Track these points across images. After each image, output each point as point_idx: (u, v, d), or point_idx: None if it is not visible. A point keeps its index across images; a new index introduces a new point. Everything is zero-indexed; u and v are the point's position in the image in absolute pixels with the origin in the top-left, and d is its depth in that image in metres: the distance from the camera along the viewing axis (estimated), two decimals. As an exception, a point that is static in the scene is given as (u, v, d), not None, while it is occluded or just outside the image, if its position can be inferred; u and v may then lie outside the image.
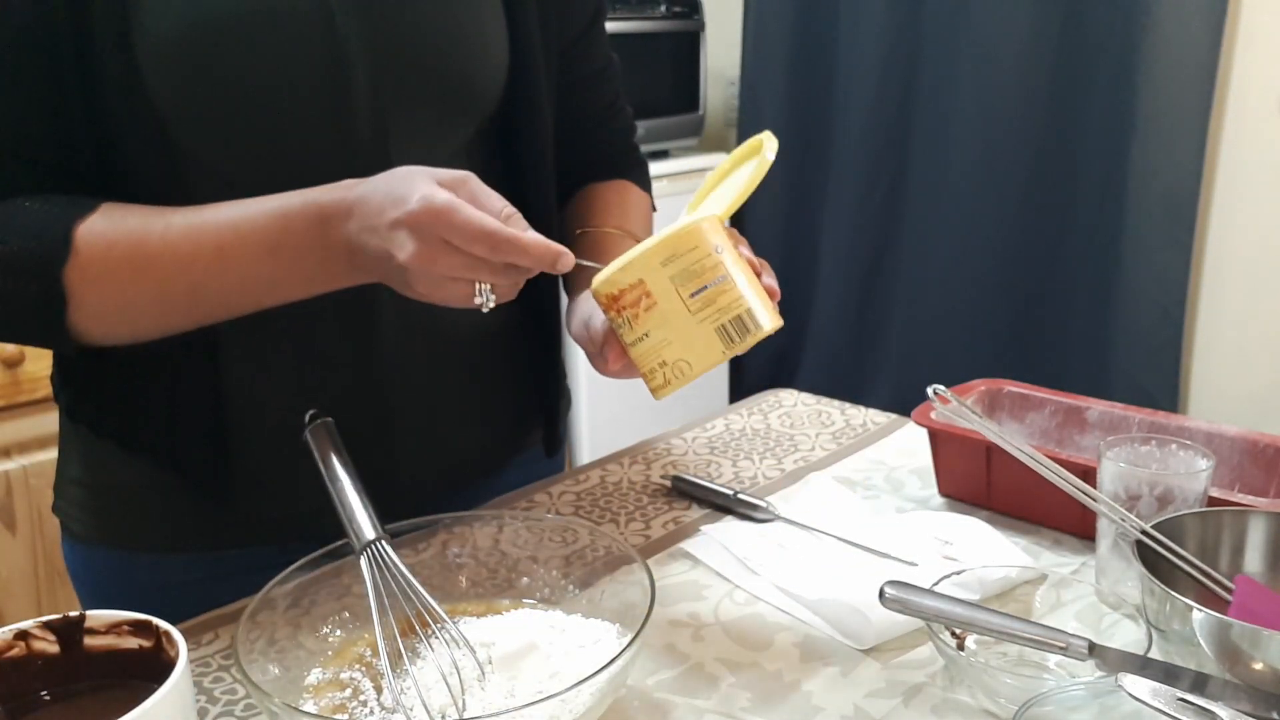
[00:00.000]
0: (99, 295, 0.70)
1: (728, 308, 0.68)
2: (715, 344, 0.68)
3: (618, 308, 0.69)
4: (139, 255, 0.70)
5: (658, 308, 0.68)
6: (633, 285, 0.68)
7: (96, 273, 0.69)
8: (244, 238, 0.69)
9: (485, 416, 0.91)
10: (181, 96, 0.71)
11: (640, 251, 0.68)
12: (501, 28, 0.84)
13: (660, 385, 0.71)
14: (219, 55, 0.71)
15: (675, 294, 0.68)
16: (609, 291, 0.69)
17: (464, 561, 0.76)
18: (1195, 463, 0.77)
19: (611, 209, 0.96)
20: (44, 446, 1.79)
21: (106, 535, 0.85)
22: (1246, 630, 0.60)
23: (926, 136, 2.57)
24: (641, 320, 0.69)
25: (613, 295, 0.69)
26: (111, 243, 0.69)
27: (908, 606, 0.67)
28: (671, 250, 0.67)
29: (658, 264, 0.67)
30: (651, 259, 0.68)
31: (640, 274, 0.68)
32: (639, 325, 0.69)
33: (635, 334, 0.70)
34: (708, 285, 0.68)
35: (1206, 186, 2.22)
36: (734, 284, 0.68)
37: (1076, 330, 2.42)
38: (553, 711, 0.57)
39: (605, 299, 0.70)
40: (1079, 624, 0.72)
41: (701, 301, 0.68)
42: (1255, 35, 2.12)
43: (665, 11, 2.75)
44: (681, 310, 0.68)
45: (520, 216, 0.67)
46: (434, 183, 0.65)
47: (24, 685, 0.54)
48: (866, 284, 2.77)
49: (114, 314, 0.72)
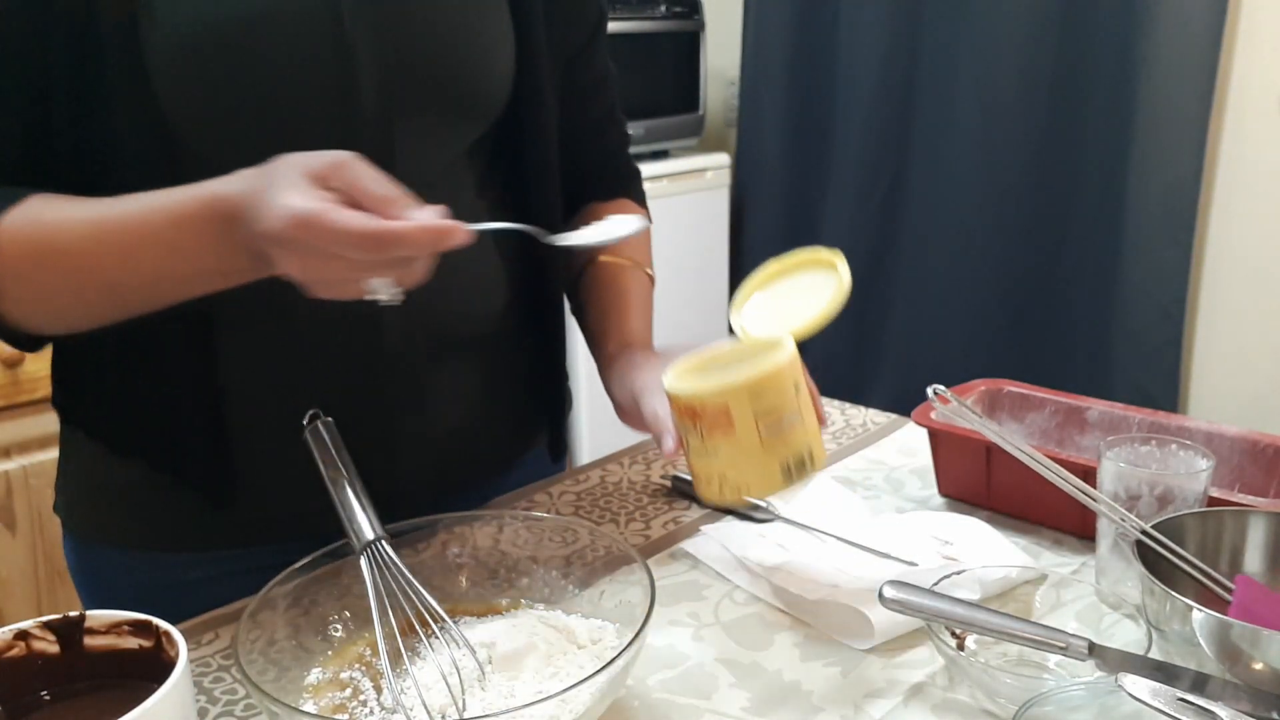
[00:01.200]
0: (18, 287, 0.71)
1: (795, 445, 0.71)
2: (777, 476, 0.71)
3: (693, 419, 0.72)
4: (50, 251, 0.70)
5: (734, 434, 0.70)
6: (717, 408, 0.70)
7: (14, 264, 0.70)
8: (144, 238, 0.68)
9: (487, 418, 0.91)
10: (188, 99, 0.71)
11: (731, 382, 0.70)
12: (508, 33, 0.84)
13: (713, 495, 0.73)
14: (227, 58, 0.71)
15: (754, 427, 0.70)
16: (690, 405, 0.71)
17: (464, 561, 0.76)
18: (1195, 463, 0.77)
19: None
20: (44, 446, 1.79)
21: (107, 534, 0.85)
22: (1246, 630, 0.60)
23: (926, 136, 2.57)
24: (715, 439, 0.71)
25: (693, 410, 0.71)
26: (28, 236, 0.70)
27: (908, 606, 0.67)
28: (762, 388, 0.70)
29: (746, 398, 0.69)
30: (742, 392, 0.69)
31: (727, 400, 0.70)
32: (711, 442, 0.71)
33: (704, 447, 0.72)
34: (783, 422, 0.70)
35: (1206, 186, 2.22)
36: (804, 423, 0.71)
37: (1076, 330, 2.42)
38: (553, 711, 0.57)
39: (684, 409, 0.72)
40: (1079, 624, 0.72)
41: (775, 437, 0.70)
42: (1255, 35, 2.12)
43: (665, 11, 2.75)
44: (755, 442, 0.70)
45: (405, 198, 0.62)
46: (301, 182, 0.61)
47: (24, 685, 0.54)
48: (866, 284, 2.77)
49: (35, 305, 0.73)
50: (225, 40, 0.71)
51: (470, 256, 0.87)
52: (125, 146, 0.72)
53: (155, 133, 0.71)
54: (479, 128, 0.85)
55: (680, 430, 0.75)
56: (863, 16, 2.60)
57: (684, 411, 0.73)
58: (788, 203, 2.89)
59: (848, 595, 0.75)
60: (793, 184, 2.87)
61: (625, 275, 0.96)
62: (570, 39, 0.91)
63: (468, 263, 0.86)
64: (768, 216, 2.94)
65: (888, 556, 0.81)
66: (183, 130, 0.72)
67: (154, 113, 0.71)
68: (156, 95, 0.70)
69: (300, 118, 0.74)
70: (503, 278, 0.89)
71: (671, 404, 0.74)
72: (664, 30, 2.76)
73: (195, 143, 0.73)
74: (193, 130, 0.72)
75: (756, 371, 0.70)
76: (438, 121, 0.81)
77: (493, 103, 0.84)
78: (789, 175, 2.87)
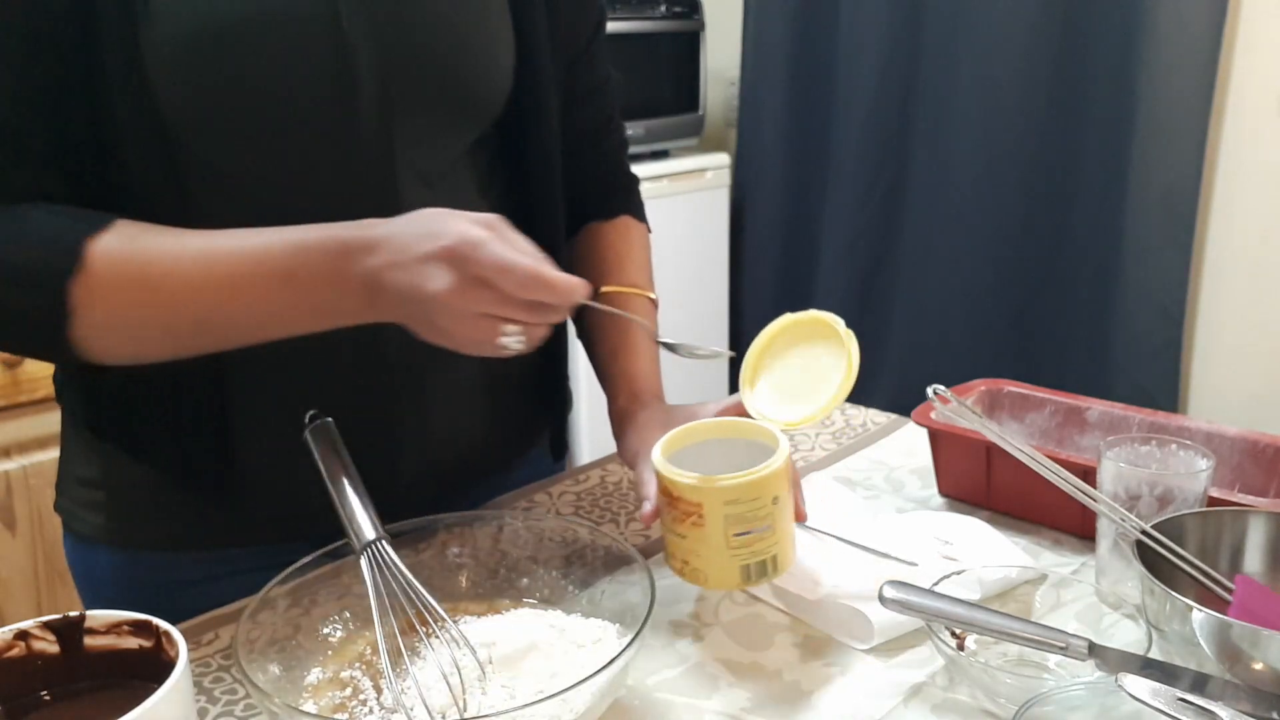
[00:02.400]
0: (104, 313, 0.69)
1: (759, 551, 0.72)
2: (735, 576, 0.73)
3: (670, 502, 0.73)
4: (148, 276, 0.68)
5: (703, 530, 0.72)
6: (692, 502, 0.71)
7: (104, 290, 0.68)
8: (258, 265, 0.68)
9: (488, 418, 0.91)
10: (187, 99, 0.71)
11: (710, 483, 0.71)
12: (509, 34, 0.84)
13: (676, 571, 0.75)
14: (226, 58, 0.71)
15: (722, 529, 0.71)
16: (668, 489, 0.73)
17: (464, 561, 0.76)
18: (1195, 463, 0.77)
19: (624, 262, 0.97)
20: (44, 446, 1.79)
21: (108, 533, 0.85)
22: (1246, 630, 0.60)
23: (926, 136, 2.57)
24: (685, 526, 0.73)
25: (671, 494, 0.73)
26: (123, 260, 0.68)
27: (908, 606, 0.67)
28: (739, 496, 0.71)
29: (721, 502, 0.71)
30: (717, 495, 0.71)
31: (702, 499, 0.71)
32: (680, 527, 0.73)
33: (675, 528, 0.74)
34: (752, 530, 0.72)
35: (1206, 186, 2.22)
36: (774, 533, 0.73)
37: (1076, 330, 2.42)
38: (553, 711, 0.57)
39: (663, 489, 0.74)
40: (1079, 624, 0.72)
41: (740, 542, 0.72)
42: (1255, 35, 2.12)
43: (665, 11, 2.75)
44: (721, 543, 0.72)
45: (548, 260, 0.67)
46: (469, 221, 0.65)
47: (24, 685, 0.54)
48: (866, 284, 2.77)
49: (118, 334, 0.71)
50: (223, 40, 0.71)
51: None
52: (124, 145, 0.72)
53: (153, 132, 0.71)
54: (478, 127, 0.85)
55: (660, 502, 0.76)
56: (863, 16, 2.60)
57: (663, 490, 0.74)
58: (788, 203, 2.89)
59: (848, 595, 0.75)
60: (793, 184, 2.87)
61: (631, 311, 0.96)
62: (571, 40, 0.91)
63: None
64: (768, 216, 2.94)
65: (888, 556, 0.81)
66: (180, 130, 0.72)
67: (152, 112, 0.70)
68: (155, 94, 0.70)
69: (299, 117, 0.74)
70: None
71: (656, 477, 0.75)
72: (664, 30, 2.76)
73: (193, 142, 0.73)
74: (191, 129, 0.72)
75: (736, 479, 0.71)
76: (437, 120, 0.81)
77: (492, 102, 0.84)
78: (789, 175, 2.86)
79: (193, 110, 0.72)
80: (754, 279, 3.00)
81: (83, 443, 0.86)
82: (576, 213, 0.99)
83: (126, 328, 0.70)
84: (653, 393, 0.92)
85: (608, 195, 1.01)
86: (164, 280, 0.69)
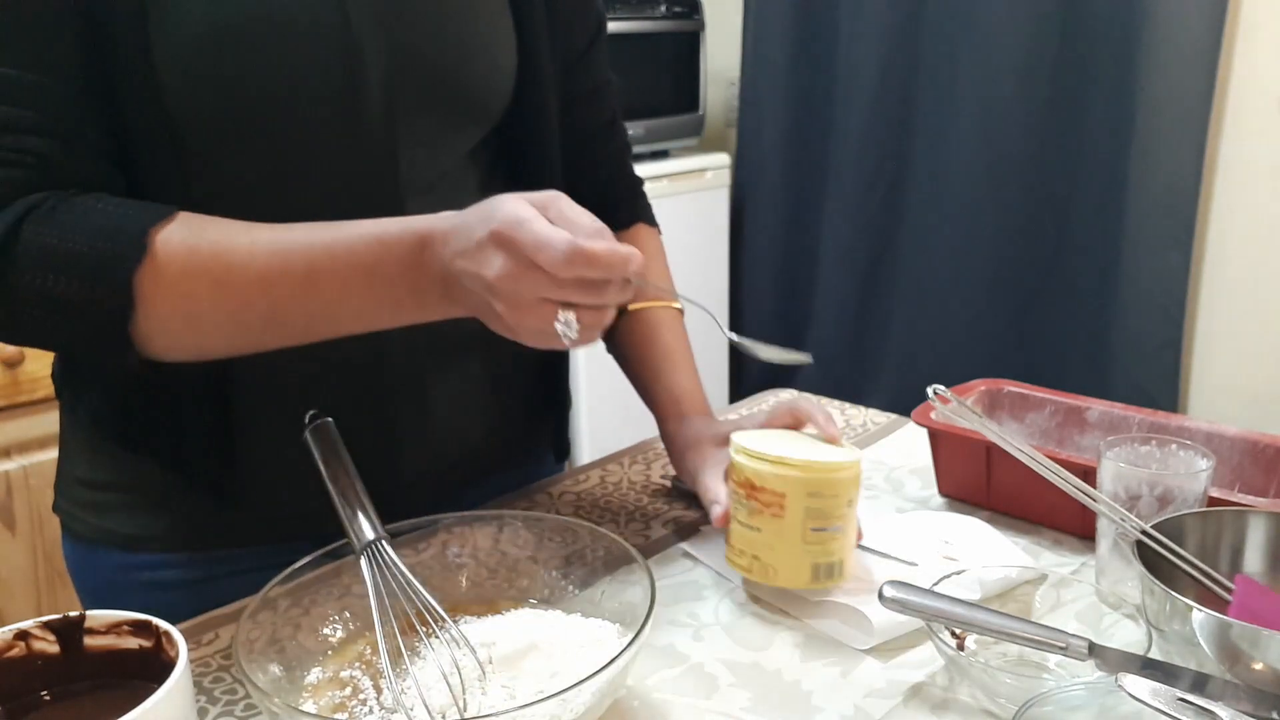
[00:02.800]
0: (170, 305, 0.67)
1: (831, 551, 0.75)
2: (805, 574, 0.75)
3: (749, 492, 0.75)
4: (220, 267, 0.67)
5: (782, 521, 0.74)
6: (775, 491, 0.74)
7: (171, 281, 0.66)
8: (337, 259, 0.67)
9: (488, 418, 0.91)
10: (196, 99, 0.71)
11: (796, 472, 0.73)
12: (510, 37, 0.85)
13: (743, 568, 0.77)
14: (235, 59, 0.71)
15: (802, 522, 0.73)
16: (750, 479, 0.75)
17: (464, 561, 0.76)
18: (1195, 463, 0.77)
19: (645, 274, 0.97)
20: (44, 446, 1.79)
21: (107, 534, 0.85)
22: (1246, 630, 0.60)
23: (926, 136, 2.57)
24: (762, 518, 0.75)
25: (751, 485, 0.75)
26: (190, 251, 0.67)
27: (908, 606, 0.67)
28: (822, 488, 0.73)
29: (804, 492, 0.73)
30: (802, 485, 0.73)
31: (786, 489, 0.73)
32: (757, 520, 0.75)
33: (749, 521, 0.75)
34: (827, 529, 0.74)
35: (1206, 186, 2.22)
36: (843, 536, 0.75)
37: (1076, 330, 2.42)
38: (553, 711, 0.57)
39: (742, 480, 0.75)
40: (1079, 624, 0.72)
41: (816, 538, 0.74)
42: (1255, 35, 2.12)
43: (665, 11, 2.75)
44: (798, 536, 0.74)
45: (609, 232, 0.65)
46: (522, 200, 0.64)
47: (24, 685, 0.54)
48: (866, 284, 2.77)
49: (182, 327, 0.69)
50: (233, 41, 0.71)
51: None
52: (132, 145, 0.72)
53: (161, 132, 0.71)
54: (481, 130, 0.85)
55: (731, 495, 0.77)
56: (863, 16, 2.60)
57: (741, 482, 0.75)
58: (788, 202, 2.89)
59: (848, 595, 0.75)
60: (793, 184, 2.87)
61: (664, 329, 0.97)
62: (571, 43, 0.92)
63: None
64: (768, 216, 2.94)
65: (888, 556, 0.81)
66: (188, 129, 0.72)
67: (161, 112, 0.71)
68: (164, 94, 0.70)
69: (304, 118, 0.74)
70: None
71: (730, 470, 0.77)
72: (664, 30, 2.76)
73: (200, 141, 0.73)
74: (198, 129, 0.72)
75: (823, 471, 0.73)
76: (440, 123, 0.81)
77: (494, 104, 0.84)
78: (789, 175, 2.87)
79: (201, 110, 0.72)
80: (754, 279, 3.00)
81: (82, 444, 0.86)
82: None
83: (193, 320, 0.69)
84: (699, 409, 0.93)
85: (615, 200, 1.01)
86: (236, 272, 0.67)
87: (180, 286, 0.67)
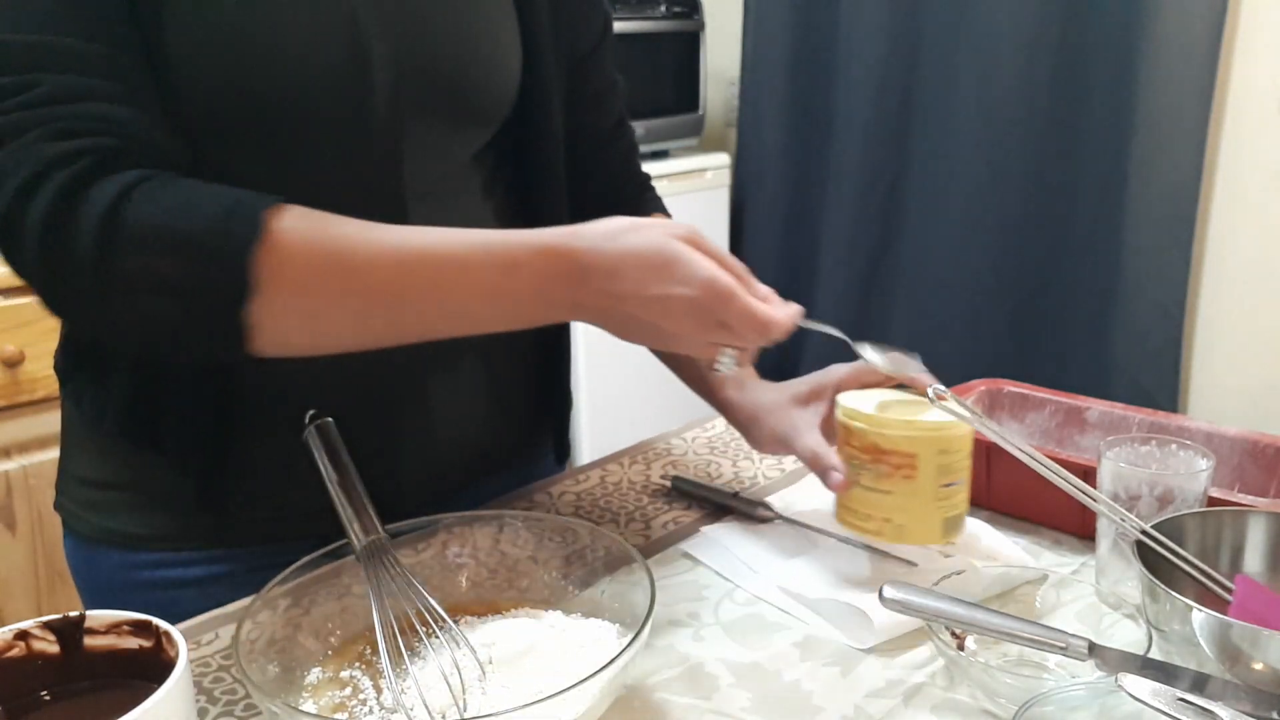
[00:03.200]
0: (288, 295, 0.64)
1: (957, 504, 0.77)
2: (937, 530, 0.77)
3: (875, 457, 0.76)
4: (343, 266, 0.65)
5: (914, 481, 0.75)
6: (905, 453, 0.75)
7: (293, 270, 0.63)
8: (465, 274, 0.66)
9: (490, 418, 0.91)
10: (206, 102, 0.71)
11: (921, 431, 0.75)
12: (515, 39, 0.85)
13: (871, 532, 0.78)
14: (245, 64, 0.71)
15: (933, 479, 0.75)
16: (875, 443, 0.76)
17: (464, 562, 0.76)
18: (1195, 463, 0.77)
19: None
20: (44, 446, 1.79)
21: (108, 533, 0.85)
22: (1246, 630, 0.60)
23: (926, 136, 2.57)
24: (892, 480, 0.76)
25: (876, 448, 0.76)
26: (311, 239, 0.64)
27: (908, 606, 0.67)
28: (950, 444, 0.75)
29: (935, 450, 0.75)
30: (931, 444, 0.75)
31: (916, 449, 0.75)
32: (886, 483, 0.76)
33: (878, 486, 0.76)
34: (954, 483, 0.76)
35: (1206, 186, 2.22)
36: (965, 488, 0.78)
37: (1076, 330, 2.42)
38: (553, 711, 0.57)
39: (865, 445, 0.76)
40: (1079, 624, 0.72)
41: (946, 493, 0.76)
42: (1255, 35, 2.12)
43: (665, 11, 2.75)
44: (930, 494, 0.76)
45: (748, 272, 0.68)
46: (701, 255, 0.64)
47: (24, 685, 0.54)
48: (866, 284, 2.77)
49: (301, 318, 0.66)
50: (245, 44, 0.71)
51: None
52: None
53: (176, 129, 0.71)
54: (486, 132, 0.85)
55: (849, 460, 0.78)
56: (863, 16, 2.60)
57: (865, 448, 0.76)
58: (788, 203, 2.89)
59: (848, 595, 0.75)
60: (793, 184, 2.87)
61: None
62: (576, 45, 0.92)
63: None
64: (768, 216, 2.93)
65: (889, 556, 0.81)
66: (200, 131, 0.72)
67: (174, 115, 0.70)
68: (174, 94, 0.70)
69: (311, 120, 0.74)
70: None
71: (849, 436, 0.78)
72: (664, 30, 2.76)
73: (211, 143, 0.72)
74: (209, 131, 0.72)
75: (949, 428, 0.74)
76: (446, 124, 0.81)
77: (499, 107, 0.85)
78: (789, 175, 2.86)
79: (209, 111, 0.72)
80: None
81: (84, 440, 0.86)
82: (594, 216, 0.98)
83: (313, 312, 0.66)
84: (752, 375, 0.92)
85: (624, 199, 1.01)
86: (360, 273, 0.65)
87: (301, 274, 0.64)
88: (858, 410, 0.77)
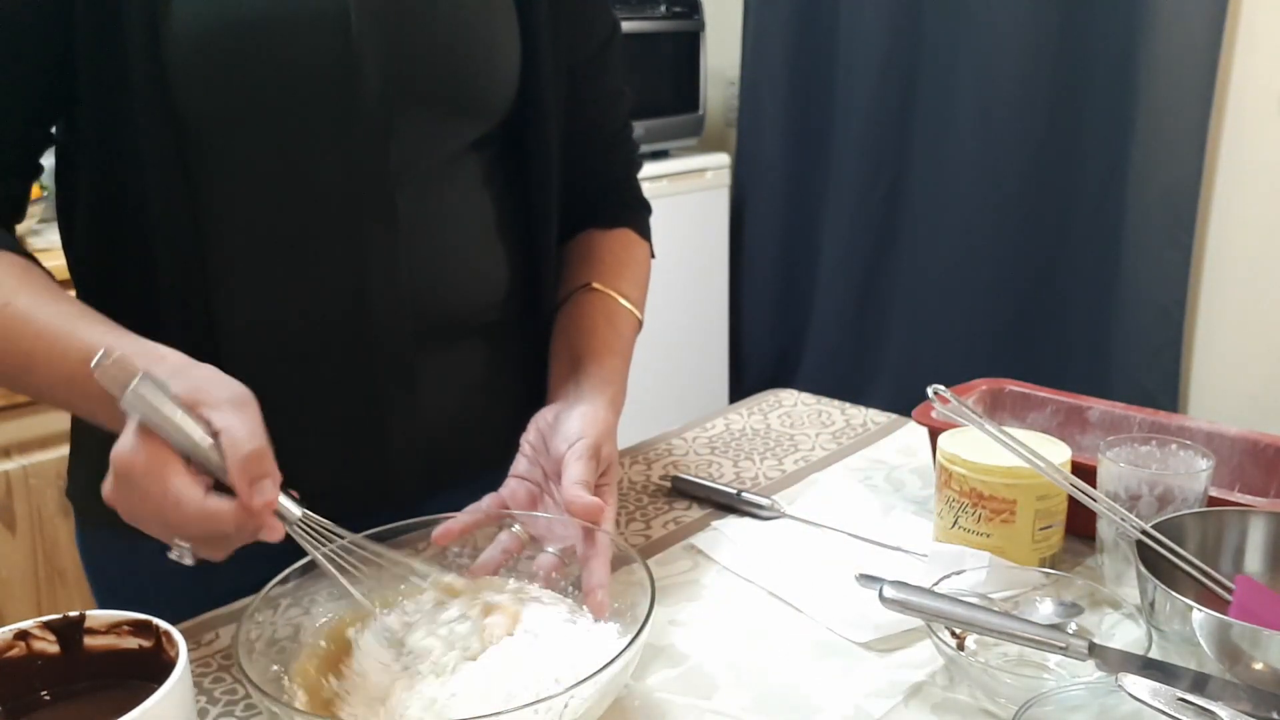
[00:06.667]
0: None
1: (1054, 545, 0.80)
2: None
3: (975, 502, 0.78)
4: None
5: (1013, 526, 0.78)
6: (1005, 499, 0.77)
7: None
8: (50, 357, 0.70)
9: (479, 410, 0.91)
10: (202, 94, 0.73)
11: (1022, 479, 0.77)
12: (514, 39, 0.85)
13: None
14: (241, 56, 0.73)
15: (1032, 522, 0.78)
16: (977, 489, 0.78)
17: (464, 562, 0.76)
18: (1195, 463, 0.77)
19: (621, 269, 0.96)
20: (44, 446, 1.79)
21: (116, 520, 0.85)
22: (1246, 630, 0.60)
23: (926, 136, 2.57)
24: (990, 524, 0.78)
25: (979, 495, 0.78)
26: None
27: (908, 606, 0.67)
28: (1048, 490, 0.77)
29: (1034, 497, 0.77)
30: (1031, 491, 0.77)
31: (1016, 496, 0.77)
32: (984, 526, 0.79)
33: (977, 528, 0.79)
34: (1051, 525, 0.79)
35: (1206, 186, 2.22)
36: (1062, 528, 0.80)
37: (1076, 330, 2.42)
38: (553, 711, 0.57)
39: (967, 491, 0.79)
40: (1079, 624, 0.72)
41: (1043, 535, 0.79)
42: (1255, 35, 2.12)
43: (665, 11, 2.75)
44: (1029, 536, 0.78)
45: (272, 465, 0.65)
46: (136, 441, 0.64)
47: (24, 685, 0.54)
48: (866, 284, 2.77)
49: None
50: (239, 37, 0.73)
51: (472, 246, 0.87)
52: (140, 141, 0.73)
53: (165, 117, 0.73)
54: (480, 128, 0.85)
55: (948, 502, 0.80)
56: (863, 16, 2.60)
57: (965, 492, 0.79)
58: (788, 203, 2.89)
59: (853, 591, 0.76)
60: (793, 184, 2.87)
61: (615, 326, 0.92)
62: (579, 48, 0.92)
63: (470, 252, 0.86)
64: (768, 216, 2.94)
65: (900, 550, 0.82)
66: (194, 123, 0.74)
67: (168, 107, 0.73)
68: (169, 84, 0.72)
69: (303, 108, 0.76)
70: (504, 269, 0.89)
71: (949, 480, 0.80)
72: (664, 30, 2.76)
73: (205, 135, 0.75)
74: (203, 123, 0.74)
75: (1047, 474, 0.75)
76: (436, 118, 0.82)
77: (495, 104, 0.85)
78: (789, 175, 2.87)
79: (206, 104, 0.74)
80: (754, 279, 3.00)
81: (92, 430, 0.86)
82: (577, 219, 0.98)
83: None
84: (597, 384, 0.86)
85: (614, 207, 1.01)
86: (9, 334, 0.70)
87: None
88: (958, 456, 0.79)
